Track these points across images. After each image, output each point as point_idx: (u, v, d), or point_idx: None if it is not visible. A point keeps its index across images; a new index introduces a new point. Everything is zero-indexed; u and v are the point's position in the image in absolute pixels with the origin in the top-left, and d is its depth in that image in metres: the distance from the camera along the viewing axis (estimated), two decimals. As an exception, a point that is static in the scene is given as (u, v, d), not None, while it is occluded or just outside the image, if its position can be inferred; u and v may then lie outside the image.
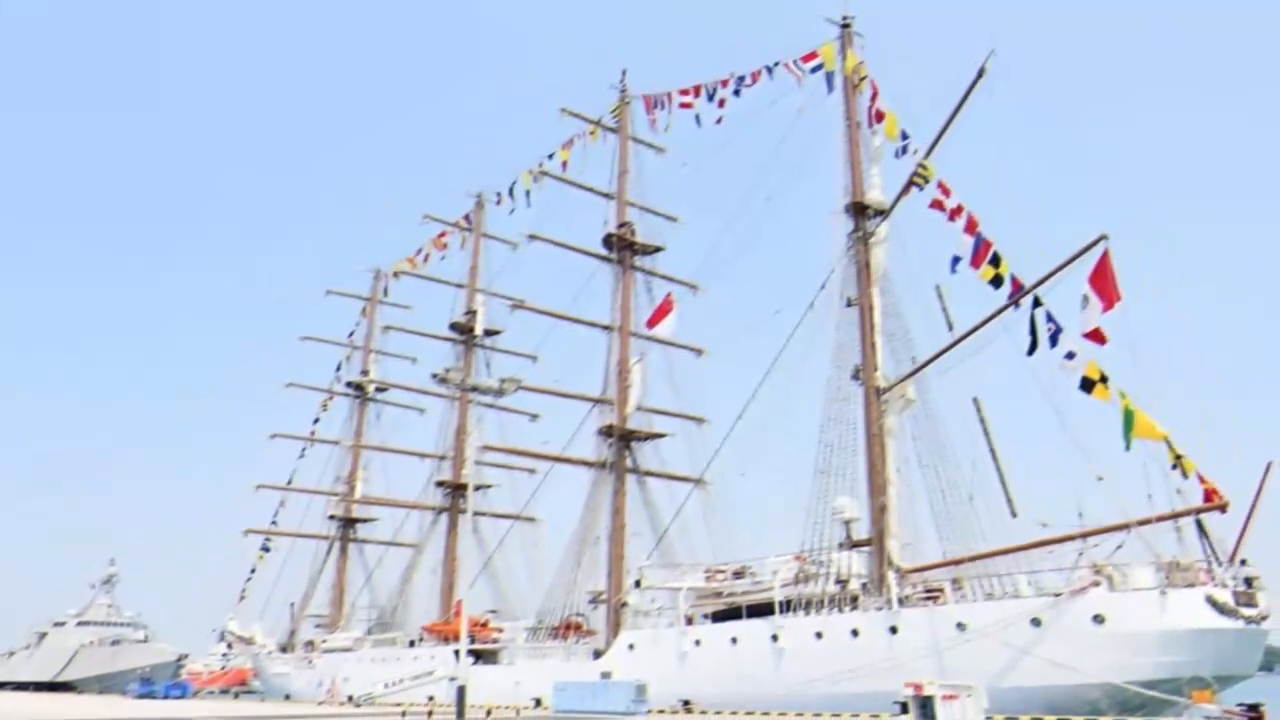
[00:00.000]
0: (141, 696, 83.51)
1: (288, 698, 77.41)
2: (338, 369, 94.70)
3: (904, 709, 31.63)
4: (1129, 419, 33.43)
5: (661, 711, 42.09)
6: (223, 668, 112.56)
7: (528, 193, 68.43)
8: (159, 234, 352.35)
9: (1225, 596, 32.02)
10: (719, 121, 56.15)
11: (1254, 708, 29.80)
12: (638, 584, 52.57)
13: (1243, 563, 32.71)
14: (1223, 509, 32.32)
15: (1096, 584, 34.11)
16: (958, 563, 39.22)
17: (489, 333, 77.66)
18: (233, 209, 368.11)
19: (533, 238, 62.47)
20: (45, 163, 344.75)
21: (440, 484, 76.51)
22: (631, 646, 49.34)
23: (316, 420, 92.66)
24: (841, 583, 42.11)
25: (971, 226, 39.14)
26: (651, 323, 59.48)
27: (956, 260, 39.56)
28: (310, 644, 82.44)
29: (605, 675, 48.22)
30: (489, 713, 35.00)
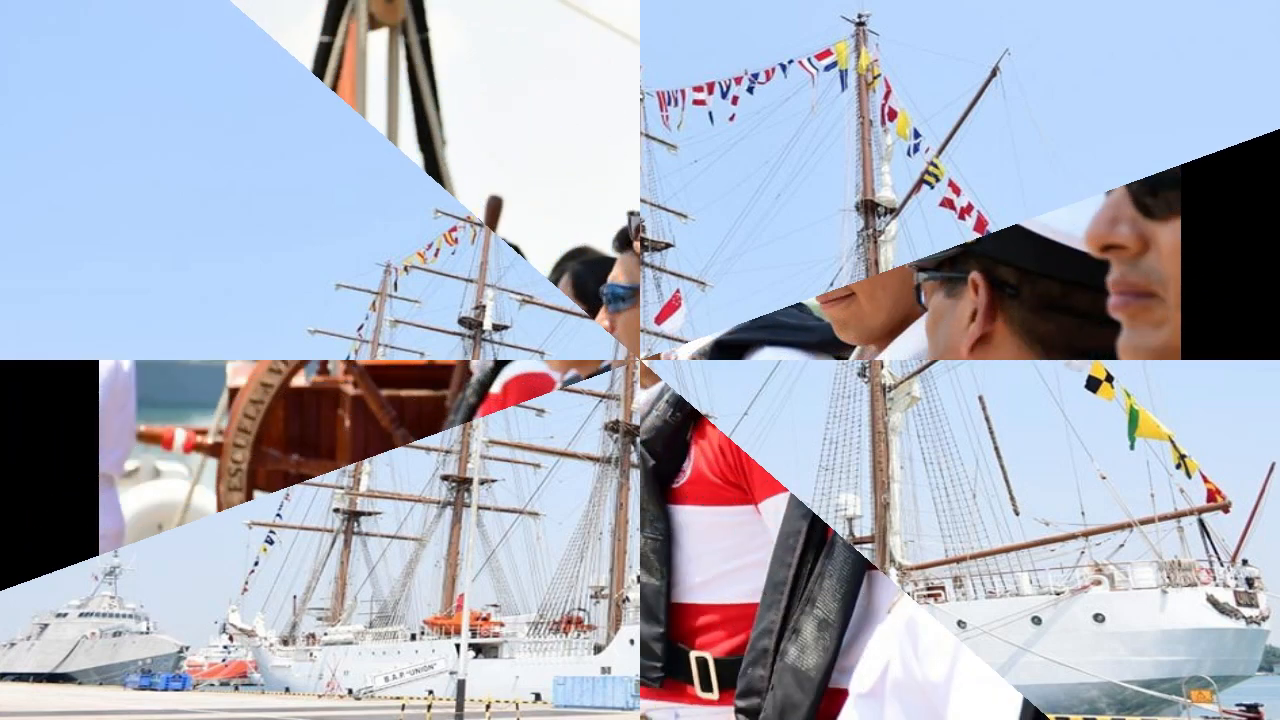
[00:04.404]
0: (141, 688, 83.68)
1: (288, 690, 77.47)
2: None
3: (901, 705, 31.63)
4: (1134, 418, 33.23)
5: (660, 705, 42.01)
6: (223, 660, 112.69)
7: (539, 188, 68.64)
8: (163, 226, 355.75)
9: (1226, 596, 31.92)
10: (732, 119, 56.01)
11: (1253, 708, 29.69)
12: (639, 579, 52.40)
13: (1244, 563, 32.61)
14: (1225, 509, 32.15)
15: (1098, 583, 33.98)
16: (960, 560, 39.07)
17: (497, 327, 77.70)
18: (242, 200, 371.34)
19: (543, 233, 62.55)
20: (40, 160, 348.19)
21: (445, 478, 76.41)
22: (632, 641, 49.17)
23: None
24: (843, 579, 41.98)
25: (981, 225, 39.03)
26: (659, 319, 59.38)
27: (965, 259, 39.56)
28: (311, 637, 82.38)
29: (605, 670, 48.12)
30: (488, 707, 34.94)
